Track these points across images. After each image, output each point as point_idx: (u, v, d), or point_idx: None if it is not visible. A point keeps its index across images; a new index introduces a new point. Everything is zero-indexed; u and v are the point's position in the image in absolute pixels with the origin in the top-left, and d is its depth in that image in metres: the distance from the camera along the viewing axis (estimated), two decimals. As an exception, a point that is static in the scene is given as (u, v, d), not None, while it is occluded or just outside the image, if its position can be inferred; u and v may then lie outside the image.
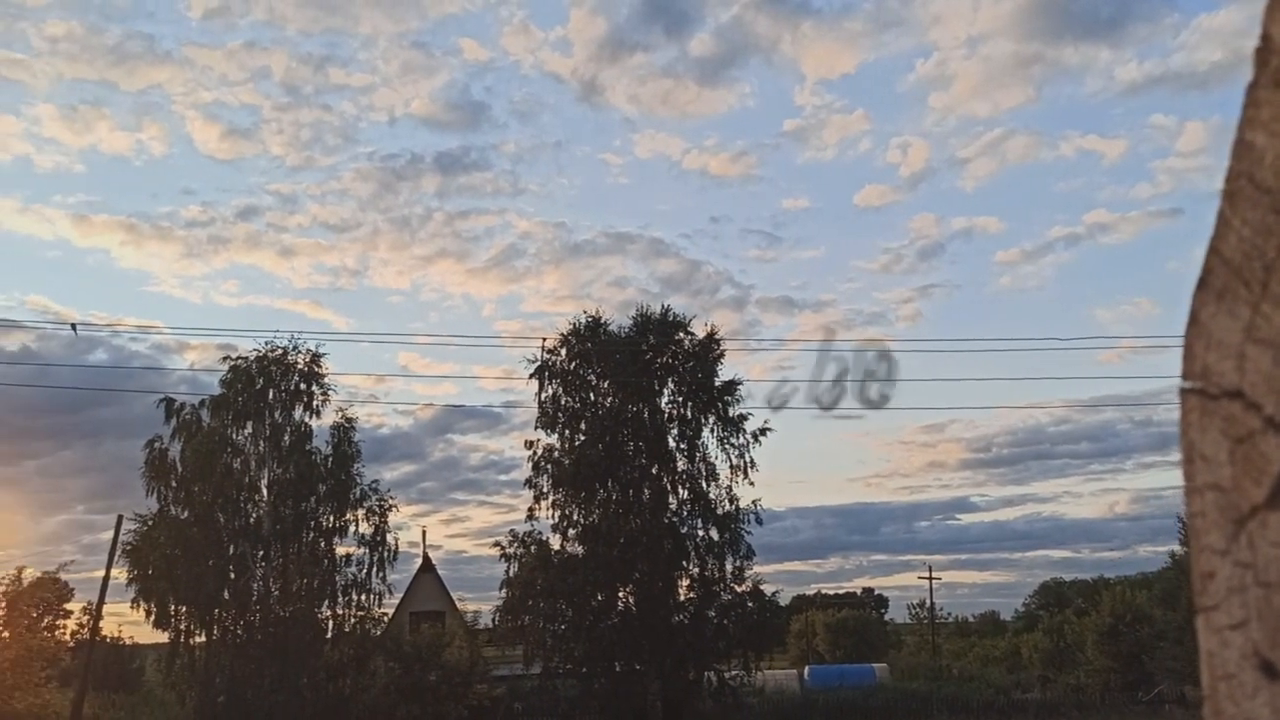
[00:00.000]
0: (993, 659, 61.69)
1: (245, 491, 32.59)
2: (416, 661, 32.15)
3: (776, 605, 33.13)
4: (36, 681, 32.35)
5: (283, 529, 32.27)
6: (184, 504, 32.05)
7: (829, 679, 46.04)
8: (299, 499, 32.48)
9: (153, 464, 32.15)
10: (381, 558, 33.29)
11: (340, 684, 32.07)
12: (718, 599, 31.74)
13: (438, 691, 31.74)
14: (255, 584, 32.32)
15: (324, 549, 32.89)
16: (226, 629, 31.99)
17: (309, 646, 31.58)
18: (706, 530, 31.89)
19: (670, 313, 32.91)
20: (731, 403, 32.15)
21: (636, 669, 31.09)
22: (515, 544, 31.63)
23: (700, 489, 31.86)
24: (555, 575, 30.63)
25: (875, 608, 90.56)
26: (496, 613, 32.64)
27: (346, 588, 32.81)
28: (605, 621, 31.01)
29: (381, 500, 33.53)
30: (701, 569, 31.81)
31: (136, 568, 31.45)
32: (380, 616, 34.10)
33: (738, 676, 31.79)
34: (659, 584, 31.08)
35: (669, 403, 32.32)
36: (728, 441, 32.02)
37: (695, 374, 32.11)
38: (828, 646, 67.99)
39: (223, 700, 30.95)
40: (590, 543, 31.14)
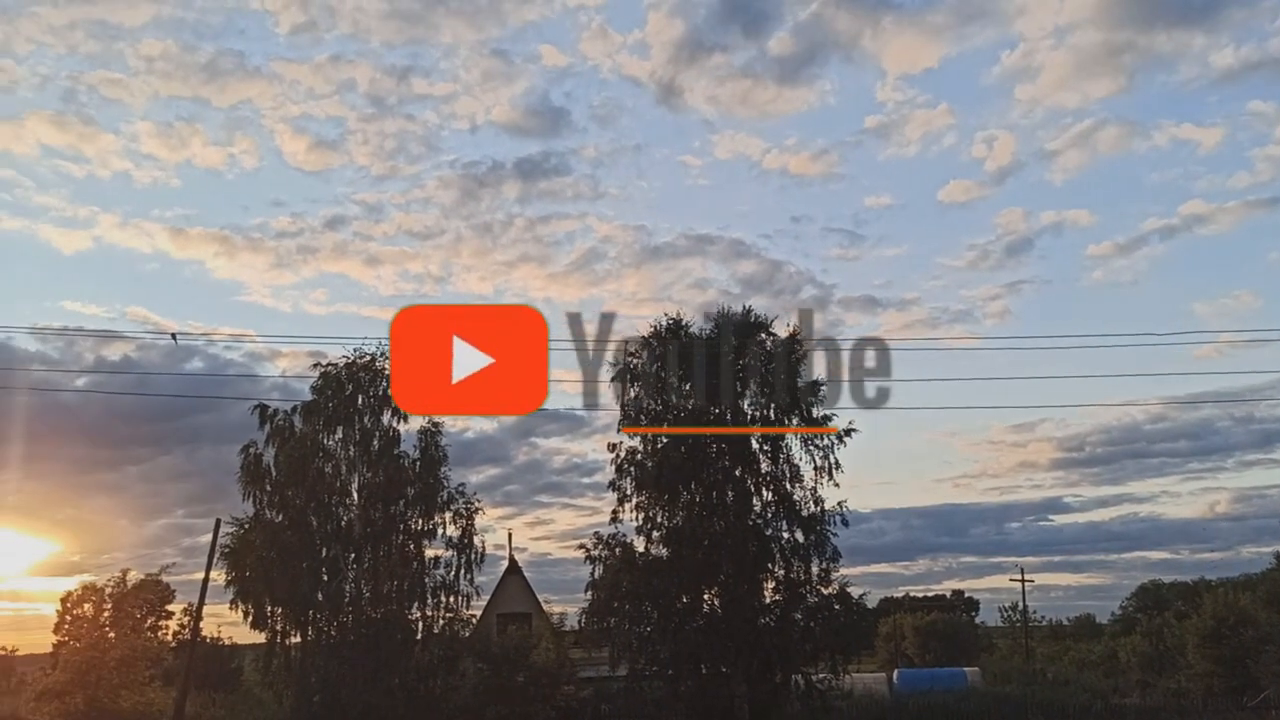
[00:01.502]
0: (1089, 663, 60.26)
1: (336, 495, 33.30)
2: (505, 663, 32.51)
3: (864, 608, 32.67)
4: (141, 680, 33.57)
5: (373, 532, 32.90)
6: (278, 508, 32.87)
7: (919, 683, 45.44)
8: (388, 502, 33.08)
9: (248, 469, 33.05)
10: (469, 560, 33.76)
11: (431, 684, 32.58)
12: (804, 601, 31.45)
13: (526, 692, 32.06)
14: (347, 586, 33.01)
15: (413, 551, 33.45)
16: (321, 630, 32.72)
17: (400, 647, 32.15)
18: (791, 532, 31.64)
19: (751, 314, 32.77)
20: (815, 403, 31.88)
21: (723, 671, 30.98)
22: (600, 546, 31.75)
23: (784, 491, 31.62)
24: (640, 577, 30.68)
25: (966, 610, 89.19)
26: (582, 614, 32.82)
27: (435, 589, 33.35)
28: (691, 624, 30.95)
29: (468, 503, 34.04)
30: (787, 571, 31.56)
31: (234, 570, 32.36)
32: (468, 618, 34.60)
33: (825, 680, 31.47)
34: (744, 586, 30.92)
35: (751, 404, 32.16)
36: (812, 442, 31.74)
37: (778, 375, 31.90)
38: (917, 650, 67.13)
39: (318, 700, 31.66)
40: (674, 545, 31.12)
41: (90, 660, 32.93)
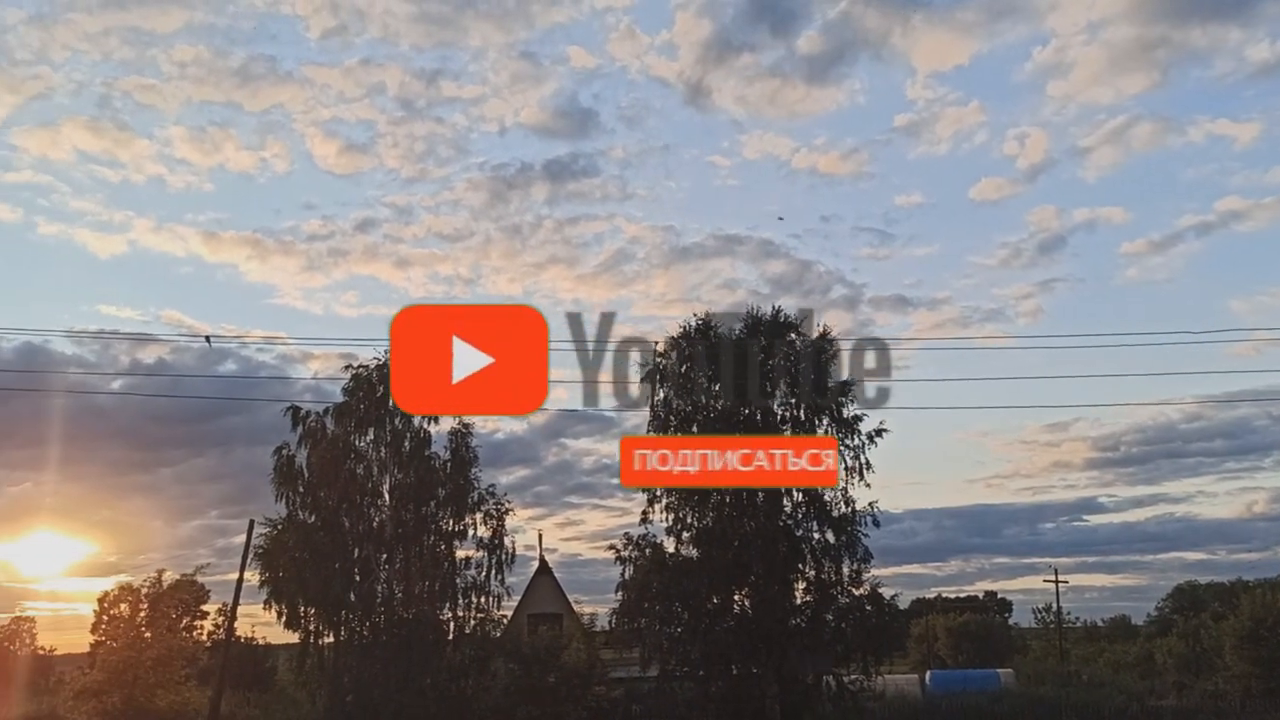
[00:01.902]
0: (1124, 664, 59.68)
1: (368, 496, 33.51)
2: (536, 663, 32.60)
3: (896, 609, 32.52)
4: (177, 680, 33.90)
5: (404, 532, 33.10)
6: (311, 509, 33.13)
7: (952, 684, 45.20)
8: (419, 503, 33.27)
9: (280, 470, 33.32)
10: (499, 560, 33.88)
11: (462, 684, 32.74)
12: (835, 602, 31.35)
13: (557, 693, 32.13)
14: (379, 586, 33.22)
15: (444, 552, 33.63)
16: (353, 630, 32.95)
17: (432, 647, 32.33)
18: (822, 533, 31.53)
19: (781, 314, 32.70)
20: (845, 404, 31.77)
21: (754, 672, 30.93)
22: (630, 547, 31.77)
23: (815, 491, 31.50)
24: (670, 578, 30.68)
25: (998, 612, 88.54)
26: (613, 615, 32.85)
27: (466, 590, 33.50)
28: (721, 624, 30.92)
29: (498, 504, 34.16)
30: (818, 572, 31.47)
31: (268, 570, 32.64)
32: (499, 618, 34.72)
33: (857, 681, 31.35)
34: (775, 587, 30.86)
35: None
36: (842, 443, 31.62)
37: (808, 375, 31.81)
38: (949, 651, 66.74)
39: (351, 699, 31.88)
40: (704, 546, 31.10)
41: (127, 660, 33.29)
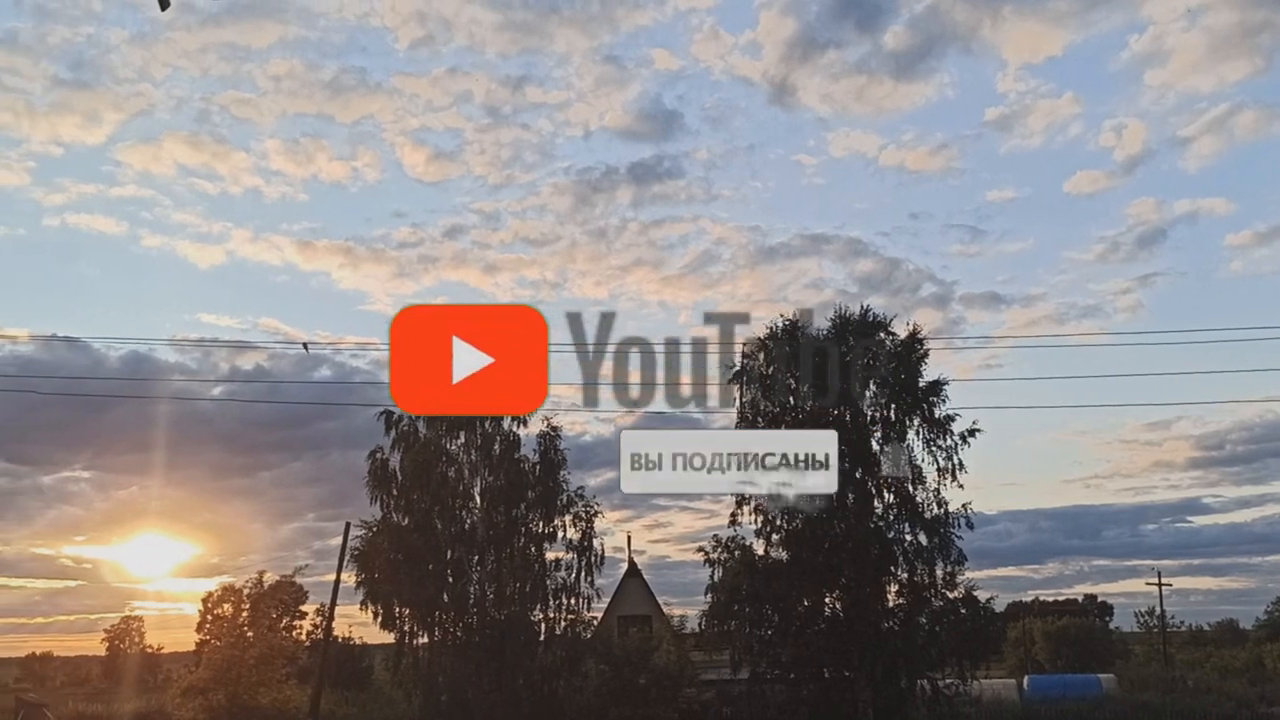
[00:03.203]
0: (1232, 670, 57.58)
1: (460, 499, 33.96)
2: (626, 665, 32.67)
3: (991, 612, 31.89)
4: (278, 678, 34.70)
5: (495, 535, 33.47)
6: (404, 511, 33.70)
7: (1050, 689, 44.14)
8: (509, 505, 33.60)
9: (375, 474, 33.96)
10: (589, 562, 34.06)
11: (554, 685, 32.99)
12: (929, 605, 30.86)
13: (648, 694, 32.15)
14: (471, 588, 33.65)
15: (534, 554, 33.91)
16: (447, 631, 33.44)
17: (523, 648, 32.63)
18: (914, 535, 31.06)
19: (869, 313, 32.30)
20: (937, 403, 31.25)
21: (846, 676, 30.60)
22: (719, 549, 31.67)
23: (906, 493, 31.06)
24: (760, 580, 30.50)
25: (1099, 615, 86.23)
26: (702, 617, 32.77)
27: (557, 591, 33.74)
28: (812, 627, 30.66)
29: (587, 506, 34.33)
30: (910, 574, 31.00)
31: (364, 572, 33.26)
32: (590, 620, 34.89)
33: (952, 685, 30.80)
34: (866, 590, 30.49)
35: (870, 405, 31.68)
36: (934, 443, 31.11)
37: (898, 375, 31.37)
38: (1048, 656, 65.20)
39: (445, 699, 32.35)
40: (794, 548, 30.85)
41: (231, 658, 34.19)
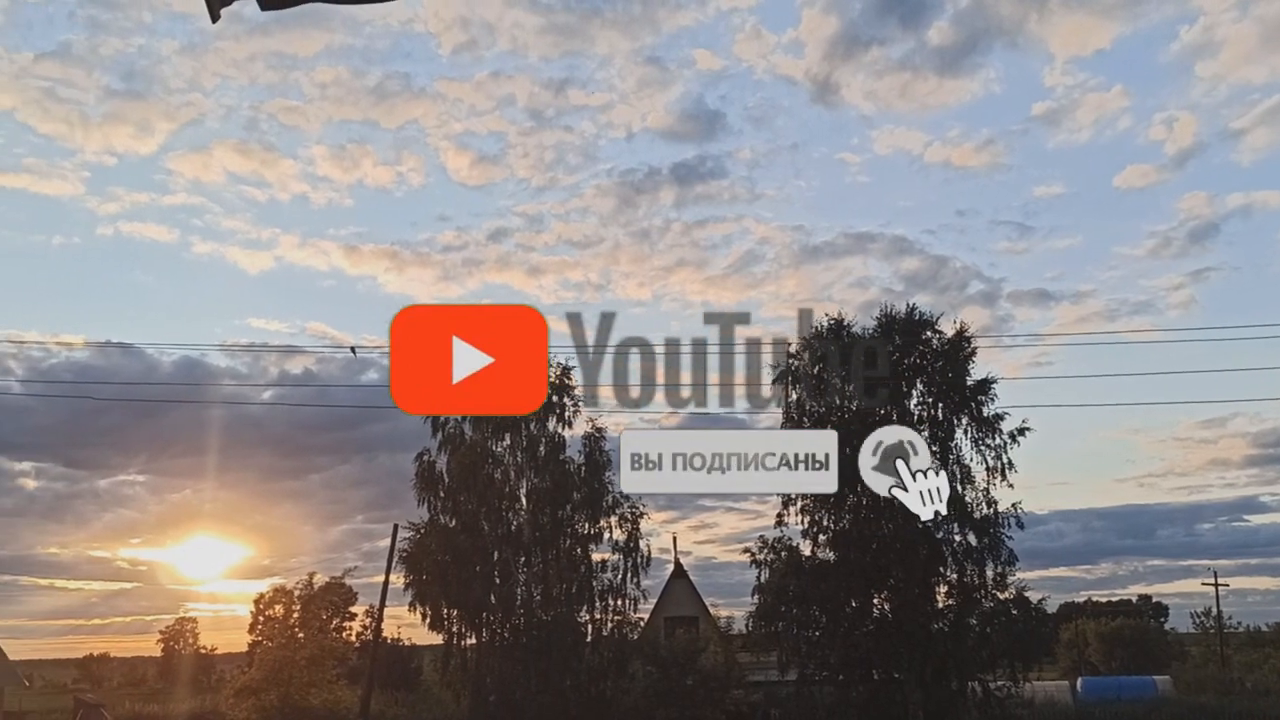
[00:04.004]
0: (1293, 672, 56.24)
1: (506, 500, 34.10)
2: (673, 666, 32.62)
3: (1043, 613, 31.53)
4: (329, 679, 35.07)
5: (541, 536, 33.55)
6: (451, 513, 33.89)
7: (1105, 691, 43.47)
8: (555, 507, 33.68)
9: (422, 475, 34.19)
10: (635, 563, 34.05)
11: (601, 686, 33.01)
12: (979, 606, 30.53)
13: (695, 696, 32.08)
14: (518, 589, 33.77)
15: (580, 555, 33.96)
16: (494, 632, 33.58)
17: (570, 649, 32.68)
18: (964, 535, 30.74)
19: (916, 311, 32.02)
20: (985, 402, 30.90)
21: (895, 677, 30.34)
22: (765, 550, 31.56)
23: (955, 492, 30.74)
24: (807, 581, 30.34)
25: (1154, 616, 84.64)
26: (749, 619, 32.63)
27: (603, 593, 33.77)
28: (860, 628, 30.45)
29: (633, 507, 34.29)
30: (960, 575, 30.69)
31: (412, 573, 33.50)
32: (636, 621, 34.87)
33: (1004, 687, 30.44)
34: (915, 590, 30.21)
35: (918, 404, 31.41)
36: (983, 443, 30.79)
37: (945, 374, 31.06)
38: (1101, 657, 64.18)
39: (494, 699, 32.49)
40: (841, 548, 30.65)
41: (282, 659, 34.60)
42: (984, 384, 31.08)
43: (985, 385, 31.07)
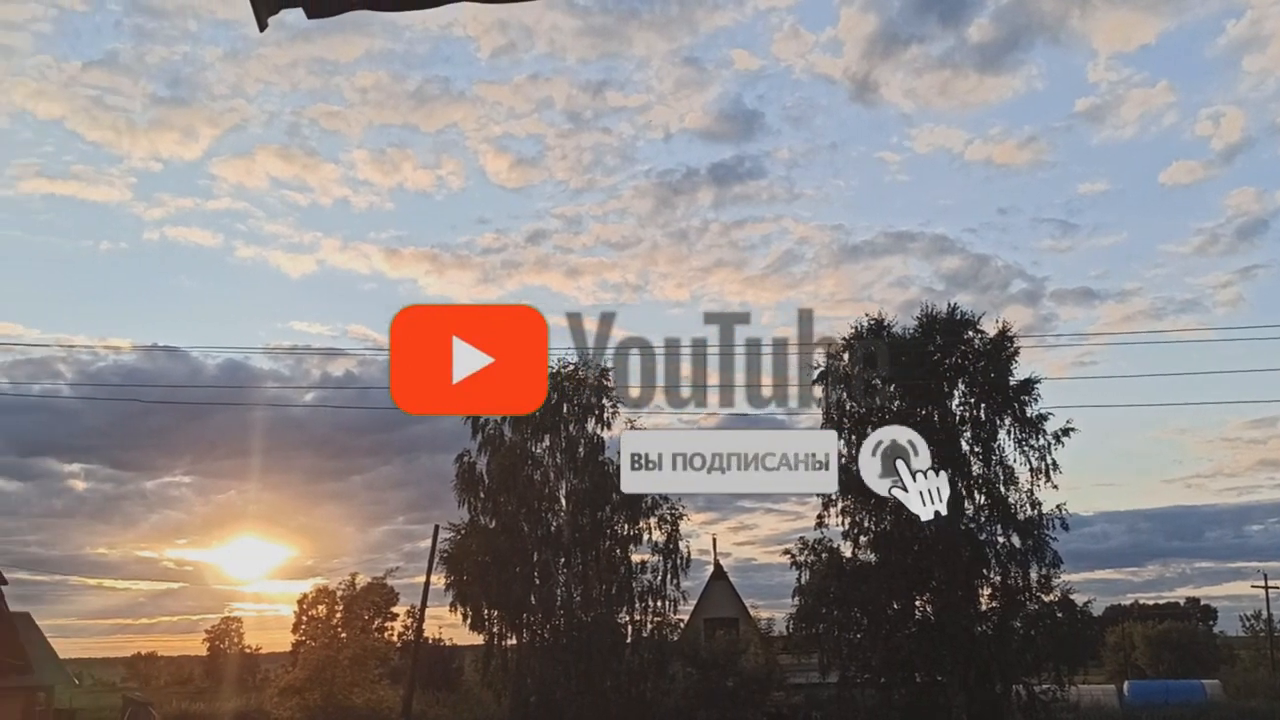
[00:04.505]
0: (1347, 677, 55.10)
1: (545, 501, 34.17)
2: (714, 667, 32.55)
3: (1089, 616, 31.13)
4: (372, 679, 35.34)
5: (581, 537, 33.59)
6: (492, 514, 34.03)
7: (1152, 695, 42.83)
8: (595, 508, 33.70)
9: (462, 477, 34.36)
10: (675, 565, 34.00)
11: (642, 687, 32.98)
12: (1023, 609, 30.19)
13: (736, 697, 32.00)
14: (558, 590, 33.82)
15: (620, 556, 33.97)
16: (534, 632, 33.66)
17: (610, 650, 32.68)
18: (1007, 537, 30.42)
19: (957, 311, 31.74)
20: (1029, 402, 30.56)
21: (938, 680, 30.06)
22: (806, 551, 31.40)
23: (998, 494, 30.43)
24: (848, 583, 30.16)
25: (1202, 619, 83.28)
26: (790, 620, 32.49)
27: (643, 594, 33.74)
28: (902, 630, 30.21)
29: (672, 509, 34.23)
30: (1004, 577, 30.36)
31: (453, 574, 33.68)
32: (676, 622, 34.84)
33: (1049, 691, 30.07)
34: (958, 592, 29.94)
35: (960, 404, 31.12)
36: (1026, 443, 30.44)
37: (987, 374, 30.74)
38: (1148, 661, 63.26)
39: (534, 700, 32.57)
40: (883, 550, 30.44)
41: (325, 659, 34.92)
42: (1027, 384, 30.74)
43: (1029, 385, 30.74)
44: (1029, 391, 30.71)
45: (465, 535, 33.84)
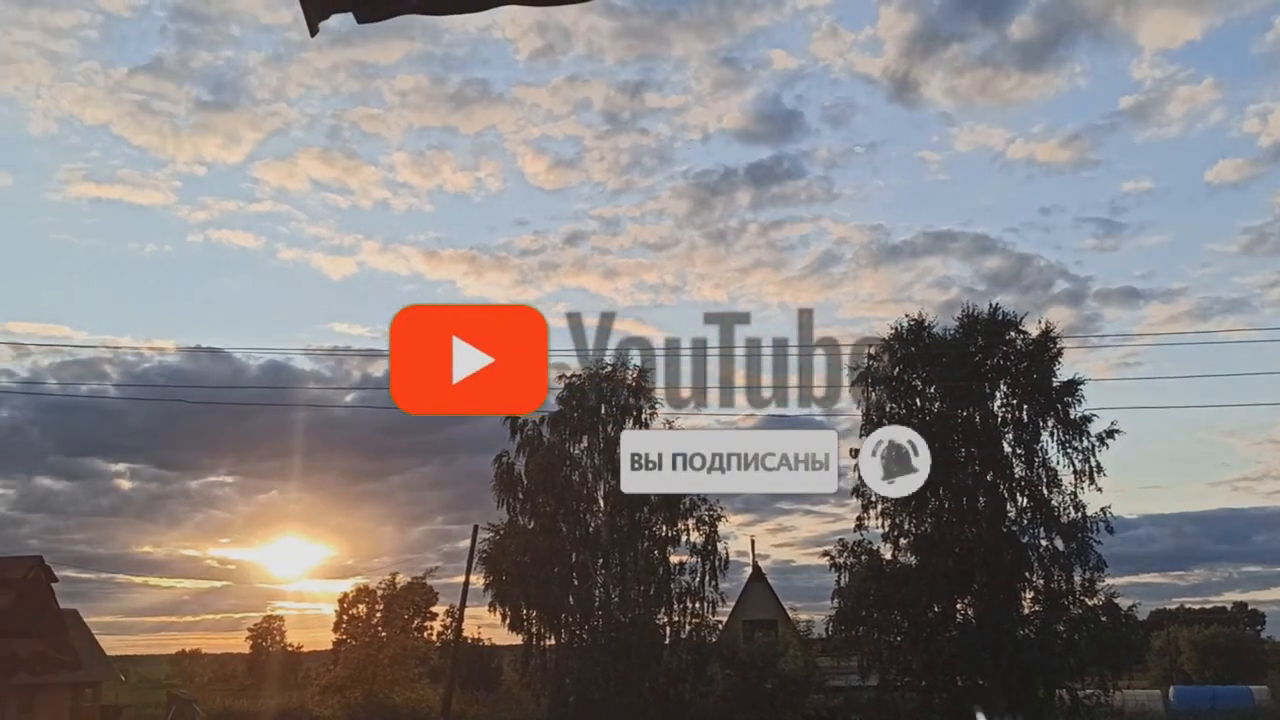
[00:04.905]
0: (1400, 684, 53.96)
1: (584, 502, 34.24)
2: (752, 669, 32.44)
3: (1133, 620, 30.65)
4: (412, 677, 35.55)
5: (619, 538, 33.60)
6: (530, 514, 34.14)
7: (1198, 701, 42.21)
8: (633, 509, 33.69)
9: (501, 477, 34.49)
10: (713, 566, 33.93)
11: (680, 689, 32.95)
12: (1067, 612, 29.82)
13: (774, 700, 31.87)
14: (596, 591, 33.87)
15: (658, 557, 33.94)
16: (573, 633, 33.72)
17: (649, 651, 32.68)
18: (1050, 540, 30.07)
19: (999, 312, 31.40)
20: (1073, 404, 30.18)
21: (980, 684, 29.77)
22: (845, 554, 31.22)
23: (1041, 496, 30.08)
24: (888, 586, 29.94)
25: (1250, 624, 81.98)
26: (829, 623, 32.32)
27: (681, 595, 33.71)
28: (943, 634, 29.94)
29: (710, 510, 34.17)
30: (1047, 580, 30.01)
31: (492, 574, 33.81)
32: (715, 624, 34.74)
33: (1093, 696, 29.69)
34: (1000, 596, 29.63)
35: (1002, 406, 30.79)
36: (1070, 445, 30.07)
37: (1030, 375, 30.40)
38: (1195, 666, 62.36)
39: (573, 700, 32.63)
40: (923, 553, 30.20)
41: (366, 658, 35.18)
42: (1071, 385, 30.37)
43: (1072, 386, 30.37)
44: (1073, 393, 30.34)
45: (504, 536, 33.96)
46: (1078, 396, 30.33)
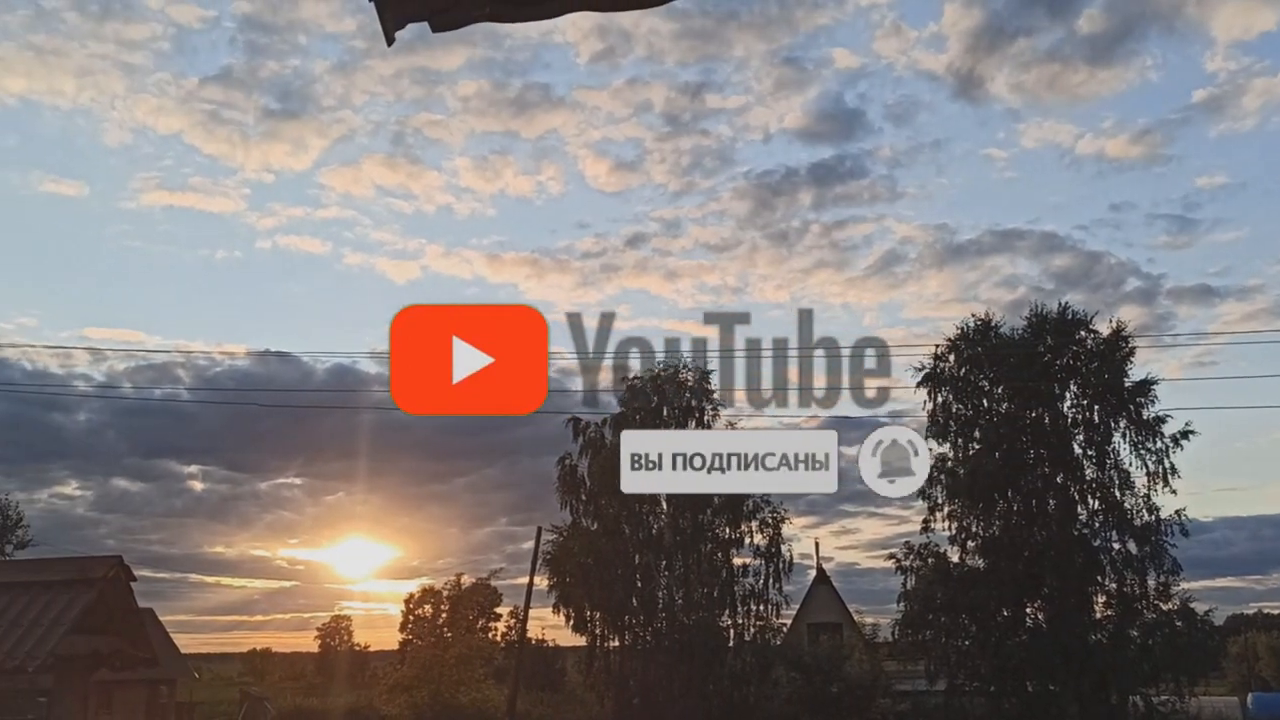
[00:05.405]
0: None
1: (647, 504, 34.23)
2: (817, 673, 32.21)
3: (1210, 625, 29.90)
4: (477, 678, 35.85)
5: (682, 540, 33.58)
6: (593, 516, 34.26)
7: (1277, 708, 41.09)
8: (696, 511, 33.65)
9: (564, 479, 34.67)
10: (777, 569, 33.77)
11: (744, 691, 32.84)
12: (1140, 617, 29.20)
13: (840, 703, 31.61)
14: (660, 593, 33.87)
15: (721, 560, 33.87)
16: (636, 635, 33.77)
17: (713, 654, 32.61)
18: (1123, 543, 29.46)
19: (1069, 310, 30.85)
20: (1145, 404, 29.55)
21: (1051, 690, 29.27)
22: (911, 556, 30.89)
23: (1113, 498, 29.49)
24: (956, 589, 29.56)
25: (1331, 629, 79.64)
26: (895, 626, 32.00)
27: (745, 597, 33.60)
28: (1012, 639, 29.48)
29: (774, 512, 34.01)
30: (1119, 585, 29.41)
31: (555, 575, 33.98)
32: (779, 626, 34.57)
33: (1169, 703, 29.02)
34: (1071, 600, 29.10)
35: (1072, 407, 30.24)
36: (1143, 446, 29.44)
37: (1101, 375, 29.82)
38: (1274, 672, 60.72)
39: (637, 702, 32.68)
40: (992, 556, 29.76)
41: (432, 658, 35.53)
42: (1144, 385, 29.74)
43: (1145, 386, 29.74)
44: (1145, 393, 29.71)
45: (567, 537, 34.11)
46: (1151, 397, 29.71)
